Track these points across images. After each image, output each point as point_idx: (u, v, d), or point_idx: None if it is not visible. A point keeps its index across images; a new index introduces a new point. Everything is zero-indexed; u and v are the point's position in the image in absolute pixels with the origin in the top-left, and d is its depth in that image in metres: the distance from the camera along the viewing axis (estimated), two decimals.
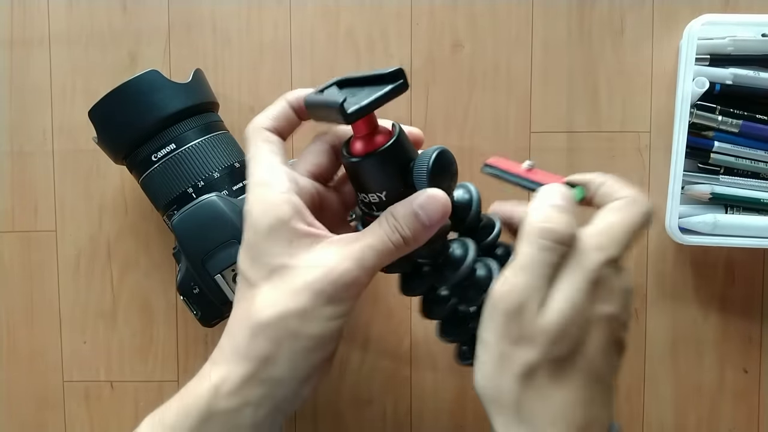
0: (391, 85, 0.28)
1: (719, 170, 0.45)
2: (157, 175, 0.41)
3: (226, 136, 0.43)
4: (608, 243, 0.28)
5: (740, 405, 0.48)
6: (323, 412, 0.49)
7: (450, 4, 0.48)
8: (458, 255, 0.31)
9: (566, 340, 0.27)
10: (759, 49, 0.45)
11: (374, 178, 0.29)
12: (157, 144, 0.40)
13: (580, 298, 0.27)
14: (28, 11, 0.48)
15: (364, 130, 0.29)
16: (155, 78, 0.40)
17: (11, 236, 0.49)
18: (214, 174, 0.41)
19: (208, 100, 0.44)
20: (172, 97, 0.41)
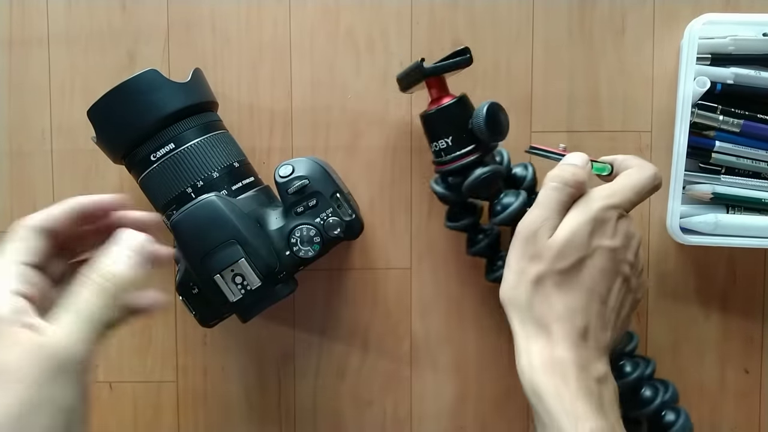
0: (459, 57, 0.41)
1: (720, 170, 0.45)
2: (155, 175, 0.40)
3: (225, 136, 0.43)
4: (613, 194, 0.36)
5: (741, 405, 0.48)
6: (323, 413, 0.49)
7: (450, 4, 0.48)
8: (507, 201, 0.42)
9: (568, 257, 0.35)
10: (760, 49, 0.45)
11: (441, 127, 0.42)
12: (156, 143, 0.40)
13: (581, 227, 0.35)
14: (27, 11, 0.48)
15: (436, 92, 0.42)
16: (154, 77, 0.40)
17: None
18: (213, 173, 0.40)
19: (207, 99, 0.43)
20: (171, 96, 0.40)
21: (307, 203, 0.40)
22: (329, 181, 0.41)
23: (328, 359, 0.49)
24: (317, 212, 0.40)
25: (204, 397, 0.49)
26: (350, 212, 0.41)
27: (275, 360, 0.49)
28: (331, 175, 0.42)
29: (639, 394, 0.42)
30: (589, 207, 0.36)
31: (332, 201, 0.40)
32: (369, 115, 0.48)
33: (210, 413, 0.49)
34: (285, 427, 0.49)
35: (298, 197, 0.40)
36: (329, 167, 0.43)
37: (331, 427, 0.49)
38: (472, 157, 0.41)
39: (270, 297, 0.40)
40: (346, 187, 0.45)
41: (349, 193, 0.44)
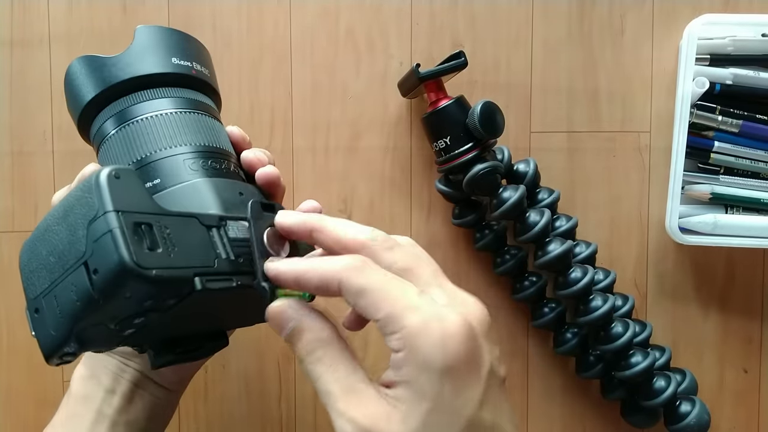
0: (454, 61, 0.43)
1: (719, 170, 0.45)
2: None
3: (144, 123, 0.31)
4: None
5: (740, 405, 0.48)
6: (323, 413, 0.49)
7: (450, 4, 0.48)
8: (506, 195, 0.43)
9: None
10: (759, 49, 0.45)
11: (440, 127, 0.43)
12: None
13: None
14: (28, 12, 0.48)
15: (434, 95, 0.44)
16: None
17: (11, 236, 0.49)
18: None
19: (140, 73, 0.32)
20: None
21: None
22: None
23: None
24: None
25: (204, 397, 0.49)
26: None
27: (275, 360, 0.49)
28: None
29: (651, 384, 0.43)
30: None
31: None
32: (369, 115, 0.48)
33: (210, 412, 0.49)
34: (285, 427, 0.49)
35: None
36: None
37: (331, 427, 0.49)
38: (470, 154, 0.42)
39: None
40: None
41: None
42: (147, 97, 0.32)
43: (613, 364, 0.44)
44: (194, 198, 0.29)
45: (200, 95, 0.34)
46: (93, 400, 0.34)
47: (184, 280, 0.24)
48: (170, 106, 0.32)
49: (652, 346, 0.46)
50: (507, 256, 0.46)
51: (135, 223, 0.23)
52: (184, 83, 0.33)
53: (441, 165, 0.45)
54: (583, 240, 0.47)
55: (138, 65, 0.32)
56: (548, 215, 0.43)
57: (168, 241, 0.24)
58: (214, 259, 0.25)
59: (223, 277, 0.25)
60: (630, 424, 0.46)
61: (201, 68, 0.34)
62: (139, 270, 0.22)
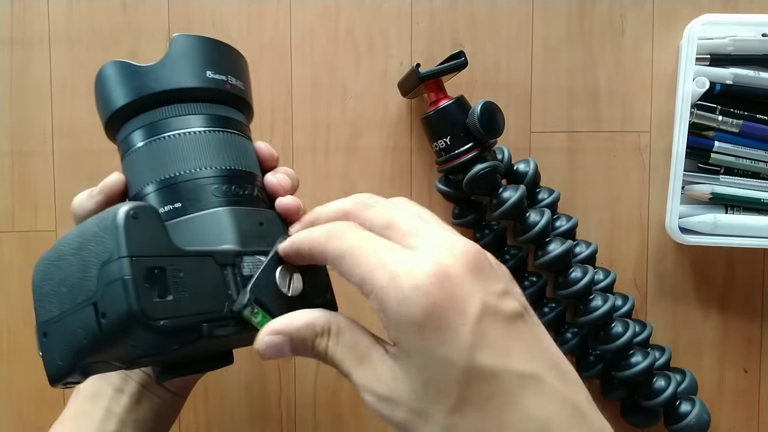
0: (454, 61, 0.43)
1: (719, 170, 0.45)
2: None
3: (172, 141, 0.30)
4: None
5: (740, 405, 0.48)
6: (323, 413, 0.49)
7: (450, 4, 0.48)
8: (506, 195, 0.43)
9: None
10: (759, 49, 0.45)
11: (440, 127, 0.43)
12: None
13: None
14: (28, 11, 0.48)
15: (434, 95, 0.44)
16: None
17: (11, 236, 0.49)
18: (146, 188, 0.30)
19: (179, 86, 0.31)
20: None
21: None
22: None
23: None
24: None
25: (205, 397, 0.49)
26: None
27: (275, 360, 0.49)
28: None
29: (651, 384, 0.43)
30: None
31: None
32: (369, 115, 0.48)
33: (211, 412, 0.49)
34: (285, 427, 0.49)
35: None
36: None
37: (331, 427, 0.49)
38: (470, 154, 0.43)
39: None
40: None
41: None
42: (178, 112, 0.31)
43: (613, 364, 0.44)
44: (213, 229, 0.28)
45: (233, 111, 0.33)
46: (102, 398, 0.34)
47: (192, 329, 0.24)
48: (200, 124, 0.31)
49: (652, 346, 0.46)
50: (507, 256, 0.46)
51: (148, 268, 0.22)
52: (217, 98, 0.32)
53: (441, 165, 0.45)
54: (583, 240, 0.47)
55: (172, 77, 0.31)
56: (548, 215, 0.43)
57: (180, 286, 0.23)
58: (225, 302, 0.25)
59: (233, 321, 0.25)
60: (630, 424, 0.46)
61: (236, 82, 0.33)
62: (146, 321, 0.22)
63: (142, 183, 0.30)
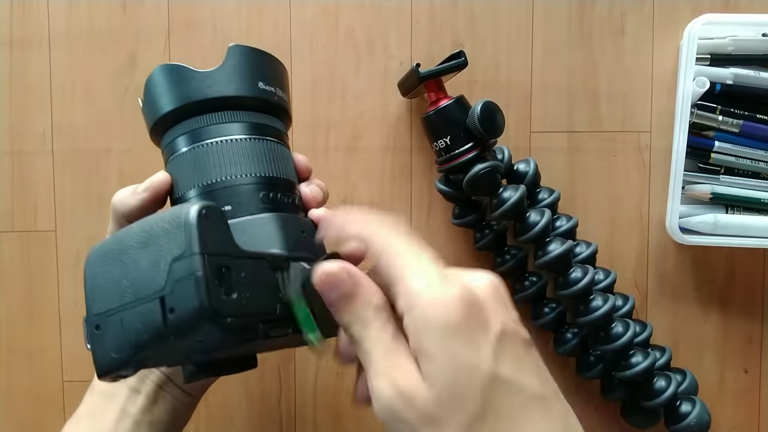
0: (454, 61, 0.43)
1: (720, 170, 0.45)
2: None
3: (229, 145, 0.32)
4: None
5: (741, 405, 0.48)
6: (323, 413, 0.49)
7: (450, 4, 0.48)
8: (506, 195, 0.43)
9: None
10: (759, 49, 0.45)
11: (440, 127, 0.43)
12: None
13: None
14: (28, 11, 0.48)
15: (434, 94, 0.44)
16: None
17: (11, 236, 0.49)
18: (189, 192, 0.31)
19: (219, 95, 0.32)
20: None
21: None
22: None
23: (328, 359, 0.49)
24: None
25: (205, 397, 0.49)
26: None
27: (275, 360, 0.49)
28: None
29: (651, 384, 0.43)
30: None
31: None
32: (369, 115, 0.48)
33: (211, 412, 0.49)
34: (285, 427, 0.49)
35: None
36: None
37: (331, 427, 0.49)
38: (470, 154, 0.42)
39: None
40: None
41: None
42: (225, 119, 0.31)
43: (613, 364, 0.44)
44: (263, 234, 0.29)
45: (276, 121, 0.34)
46: (117, 398, 0.34)
47: (251, 328, 0.24)
48: (246, 132, 0.32)
49: (652, 346, 0.46)
50: (507, 256, 0.46)
51: (218, 266, 0.23)
52: (264, 108, 0.33)
53: (441, 165, 0.45)
54: (583, 240, 0.47)
55: (227, 85, 0.32)
56: (548, 215, 0.43)
57: (242, 285, 0.24)
58: (277, 305, 0.25)
59: (284, 323, 0.26)
60: (630, 425, 0.46)
61: (282, 94, 0.34)
62: (216, 318, 0.22)
63: (185, 187, 0.31)
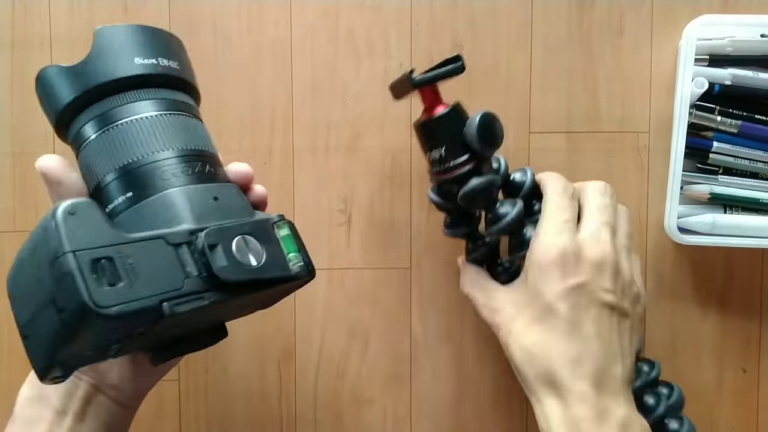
0: (450, 66, 0.39)
1: (718, 170, 0.46)
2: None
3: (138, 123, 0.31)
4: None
5: (739, 405, 0.48)
6: (323, 412, 0.49)
7: (450, 4, 0.48)
8: (503, 211, 0.40)
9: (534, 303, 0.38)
10: (758, 50, 0.45)
11: (435, 136, 0.40)
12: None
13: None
14: (29, 12, 0.49)
15: (428, 101, 0.40)
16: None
17: (12, 236, 0.49)
18: (107, 177, 0.30)
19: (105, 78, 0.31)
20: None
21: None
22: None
23: (328, 359, 0.49)
24: None
25: (205, 396, 0.49)
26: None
27: (275, 360, 0.49)
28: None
29: (642, 402, 0.41)
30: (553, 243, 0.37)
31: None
32: (369, 115, 0.49)
33: (211, 412, 0.49)
34: (285, 426, 0.49)
35: None
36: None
37: (331, 427, 0.49)
38: (467, 167, 0.39)
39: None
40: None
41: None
42: (120, 101, 0.31)
43: None
44: (166, 211, 0.28)
45: (174, 93, 0.33)
46: (41, 423, 0.33)
47: (149, 310, 0.24)
48: (144, 110, 0.31)
49: (638, 359, 0.44)
50: (499, 268, 0.43)
51: (93, 260, 0.23)
52: (153, 83, 0.32)
53: (435, 175, 0.42)
54: None
55: (105, 69, 0.31)
56: None
57: (130, 271, 0.24)
58: (183, 279, 0.25)
59: (194, 297, 0.25)
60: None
61: (169, 62, 0.33)
62: (98, 310, 0.23)
63: (102, 173, 0.30)
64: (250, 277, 0.27)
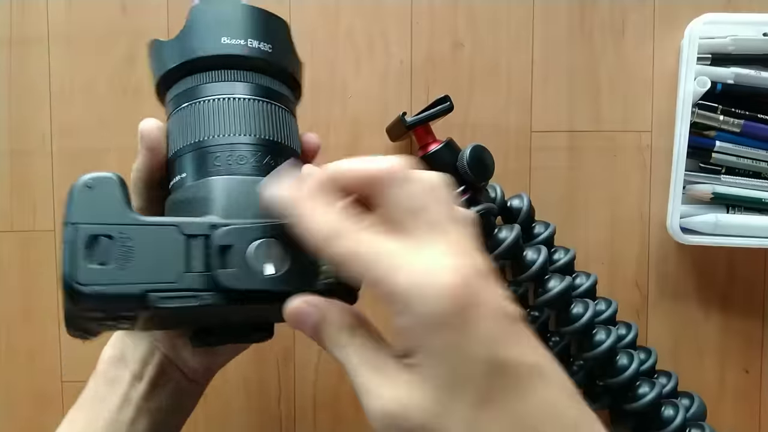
0: (440, 106, 0.43)
1: (721, 170, 0.45)
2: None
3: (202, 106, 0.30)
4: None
5: (741, 405, 0.48)
6: (323, 412, 0.49)
7: (450, 4, 0.48)
8: (502, 236, 0.42)
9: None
10: (760, 49, 0.45)
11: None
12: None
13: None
14: (27, 11, 0.48)
15: (422, 140, 0.43)
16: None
17: (10, 236, 0.49)
18: (178, 149, 0.30)
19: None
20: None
21: None
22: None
23: (328, 359, 0.49)
24: None
25: (204, 396, 0.49)
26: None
27: (275, 360, 0.49)
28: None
29: (660, 414, 0.42)
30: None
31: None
32: (369, 115, 0.48)
33: (210, 412, 0.49)
34: (285, 427, 0.49)
35: None
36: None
37: (331, 428, 0.49)
38: (463, 198, 0.42)
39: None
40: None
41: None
42: (215, 78, 0.30)
43: (620, 396, 0.43)
44: (199, 201, 0.27)
45: (280, 85, 0.32)
46: (120, 384, 0.33)
47: (131, 297, 0.23)
48: (235, 90, 0.30)
49: (657, 372, 0.45)
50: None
51: (91, 235, 0.23)
52: (270, 72, 0.32)
53: None
54: (582, 271, 0.46)
55: (232, 45, 0.30)
56: (545, 253, 0.42)
57: (126, 254, 0.23)
58: (183, 272, 0.24)
59: (188, 294, 0.24)
60: None
61: (266, 47, 0.32)
62: (76, 286, 0.23)
63: (172, 147, 0.30)
64: (257, 287, 0.24)
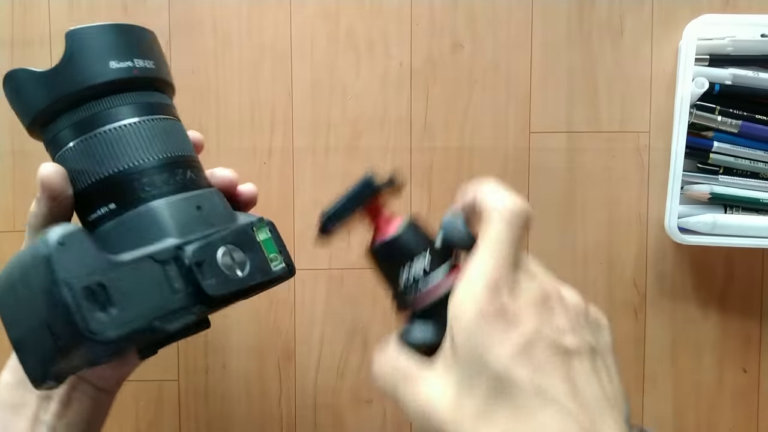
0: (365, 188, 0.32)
1: (718, 170, 0.45)
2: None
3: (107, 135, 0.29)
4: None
5: (739, 404, 0.48)
6: (323, 412, 0.49)
7: (450, 4, 0.48)
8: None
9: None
10: (758, 50, 0.45)
11: (404, 252, 0.29)
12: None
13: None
14: (29, 12, 0.49)
15: (374, 225, 0.31)
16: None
17: (12, 236, 0.49)
18: (89, 186, 0.29)
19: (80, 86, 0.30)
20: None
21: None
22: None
23: (328, 359, 0.49)
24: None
25: (205, 396, 0.49)
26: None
27: (275, 360, 0.49)
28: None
29: None
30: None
31: None
32: (369, 115, 0.48)
33: (211, 412, 0.49)
34: (285, 426, 0.49)
35: None
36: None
37: (331, 427, 0.49)
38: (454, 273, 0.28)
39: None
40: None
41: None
42: (104, 106, 0.30)
43: None
44: (150, 225, 0.28)
45: (155, 95, 0.32)
46: (27, 408, 0.33)
47: (142, 330, 0.25)
48: (129, 114, 0.30)
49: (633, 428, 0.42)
50: None
51: (85, 288, 0.24)
52: (131, 87, 0.31)
53: (419, 300, 0.28)
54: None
55: (81, 75, 0.30)
56: None
57: (123, 295, 0.25)
58: (172, 295, 0.26)
59: (183, 312, 0.26)
60: None
61: (144, 63, 0.31)
62: (94, 337, 0.23)
63: (81, 183, 0.29)
64: (237, 288, 0.28)
